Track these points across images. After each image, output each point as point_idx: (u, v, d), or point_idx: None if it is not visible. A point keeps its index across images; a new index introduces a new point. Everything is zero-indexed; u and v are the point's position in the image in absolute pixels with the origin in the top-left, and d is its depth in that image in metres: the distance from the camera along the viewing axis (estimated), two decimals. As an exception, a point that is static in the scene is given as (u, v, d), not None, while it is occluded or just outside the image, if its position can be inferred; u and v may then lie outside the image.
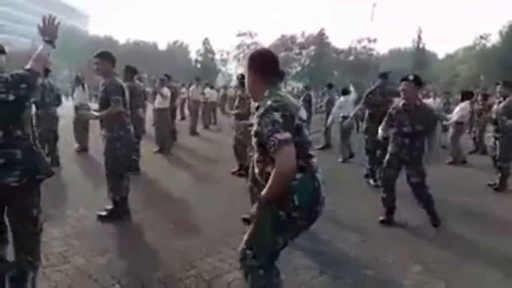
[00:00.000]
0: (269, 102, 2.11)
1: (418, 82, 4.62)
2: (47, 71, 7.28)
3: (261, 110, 2.12)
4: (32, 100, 2.68)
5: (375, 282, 3.41)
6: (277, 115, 2.05)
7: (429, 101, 12.80)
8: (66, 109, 9.27)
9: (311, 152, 2.23)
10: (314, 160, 2.22)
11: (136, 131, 6.90)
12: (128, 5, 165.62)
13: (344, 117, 9.03)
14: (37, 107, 7.05)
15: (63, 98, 8.52)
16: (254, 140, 2.24)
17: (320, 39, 57.02)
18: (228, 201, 5.43)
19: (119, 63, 7.47)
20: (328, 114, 10.43)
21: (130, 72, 7.17)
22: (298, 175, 2.10)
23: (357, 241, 4.25)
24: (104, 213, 4.55)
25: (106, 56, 4.51)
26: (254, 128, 2.19)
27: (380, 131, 5.07)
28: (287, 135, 2.02)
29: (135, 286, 3.16)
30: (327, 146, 10.66)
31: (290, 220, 2.14)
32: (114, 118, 4.44)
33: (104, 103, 4.44)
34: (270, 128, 2.02)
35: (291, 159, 2.01)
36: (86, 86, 9.34)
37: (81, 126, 8.88)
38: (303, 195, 2.11)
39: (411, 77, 4.59)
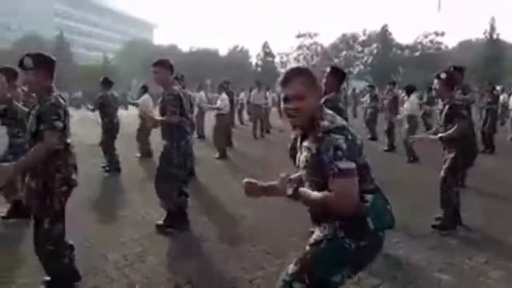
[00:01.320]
0: (325, 124, 1.81)
1: (449, 80, 4.46)
2: (110, 84, 7.91)
3: (317, 134, 1.80)
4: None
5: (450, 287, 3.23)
6: (340, 139, 1.74)
7: (502, 98, 11.97)
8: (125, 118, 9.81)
9: (372, 173, 1.93)
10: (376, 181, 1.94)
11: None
12: (191, 14, 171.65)
13: (410, 117, 8.64)
14: (102, 117, 7.80)
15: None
16: (304, 172, 1.93)
17: (383, 36, 55.20)
18: (289, 205, 5.39)
19: (183, 71, 7.87)
20: (390, 112, 10.06)
21: (182, 80, 7.59)
22: (369, 196, 1.83)
23: (430, 246, 4.05)
24: (161, 222, 4.53)
25: (163, 64, 4.45)
26: (304, 156, 1.88)
27: None
28: (351, 165, 1.72)
29: (206, 285, 3.28)
30: (391, 147, 10.24)
31: (358, 251, 1.83)
32: (172, 128, 4.39)
33: (163, 113, 4.44)
34: (331, 155, 1.71)
35: (352, 194, 1.71)
36: (149, 94, 9.76)
37: (144, 134, 9.27)
38: (378, 217, 1.84)
39: (443, 75, 4.44)
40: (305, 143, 1.87)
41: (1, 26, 63.73)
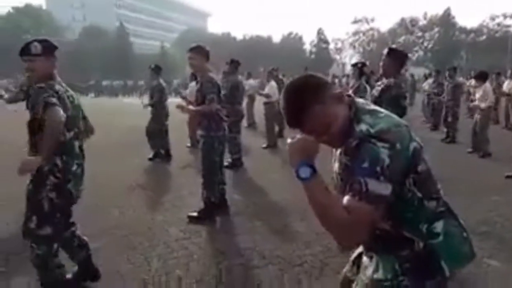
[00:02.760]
0: (363, 128, 1.33)
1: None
2: (160, 71, 7.70)
3: (351, 142, 1.34)
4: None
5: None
6: (382, 149, 1.25)
7: None
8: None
9: (439, 186, 1.44)
10: (444, 199, 1.45)
11: (236, 127, 7.08)
12: (245, 1, 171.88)
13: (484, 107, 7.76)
14: (154, 106, 7.64)
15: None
16: (340, 176, 1.49)
17: (445, 19, 52.31)
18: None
19: (237, 58, 7.82)
20: (454, 101, 9.55)
21: (234, 65, 7.27)
22: (439, 226, 1.37)
23: (480, 232, 3.95)
24: (195, 214, 4.43)
25: (199, 50, 4.30)
26: (338, 169, 1.49)
27: None
28: (385, 189, 1.25)
29: (257, 259, 3.45)
30: (450, 138, 9.59)
31: None
32: (210, 117, 4.28)
33: (200, 101, 4.28)
34: (366, 167, 1.25)
35: (363, 227, 1.28)
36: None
37: (194, 123, 9.08)
38: (455, 257, 1.39)
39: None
40: (340, 153, 1.46)
41: (67, 17, 67.44)
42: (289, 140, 1.39)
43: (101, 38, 56.07)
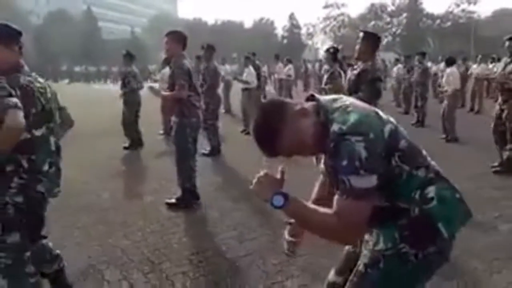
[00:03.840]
0: (335, 128, 1.33)
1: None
2: (133, 58, 7.59)
3: (329, 146, 1.35)
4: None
5: None
6: (357, 143, 1.28)
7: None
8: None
9: (425, 153, 1.48)
10: (434, 164, 1.49)
11: (214, 112, 7.07)
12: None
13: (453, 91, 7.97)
14: (125, 93, 7.50)
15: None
16: (325, 172, 1.61)
17: (412, 5, 53.43)
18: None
19: (210, 44, 7.81)
20: (423, 86, 9.87)
21: (210, 51, 7.23)
22: (431, 190, 1.40)
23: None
24: (173, 200, 4.41)
25: (174, 35, 4.28)
26: (324, 168, 1.58)
27: None
28: (369, 181, 1.29)
29: (267, 237, 3.70)
30: (420, 123, 9.81)
31: (427, 259, 1.42)
32: (182, 103, 4.22)
33: (171, 87, 4.25)
34: (346, 165, 1.29)
35: (358, 223, 1.33)
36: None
37: (167, 109, 8.76)
38: (451, 218, 1.42)
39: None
40: (324, 158, 1.53)
41: (30, 1, 64.65)
42: (254, 181, 1.45)
43: (67, 23, 54.18)
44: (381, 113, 1.42)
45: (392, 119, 1.43)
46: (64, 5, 59.45)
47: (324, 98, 1.45)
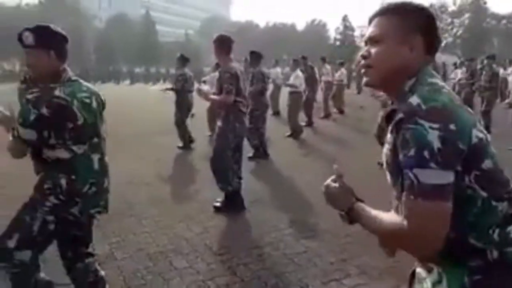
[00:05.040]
0: (413, 100, 1.07)
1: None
2: (186, 61, 7.81)
3: (400, 115, 1.08)
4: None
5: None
6: (432, 134, 1.01)
7: None
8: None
9: None
10: None
11: (260, 117, 7.00)
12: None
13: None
14: (177, 95, 7.73)
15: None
16: (388, 174, 1.22)
17: (476, 5, 50.83)
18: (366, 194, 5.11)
19: (260, 47, 7.93)
20: (492, 91, 9.11)
21: (256, 57, 7.26)
22: None
23: None
24: (218, 204, 4.36)
25: (217, 40, 4.29)
26: (384, 152, 1.21)
27: None
28: (442, 177, 1.01)
29: (322, 236, 3.79)
30: (485, 130, 9.24)
31: None
32: (228, 108, 4.18)
33: (218, 92, 4.21)
34: (413, 155, 1.02)
35: (432, 230, 1.03)
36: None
37: (213, 112, 8.12)
38: None
39: None
40: (388, 132, 1.19)
41: (94, 6, 68.52)
42: (327, 182, 1.32)
43: (127, 26, 56.92)
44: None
45: (485, 131, 1.14)
46: (124, 9, 62.55)
47: (431, 70, 1.19)
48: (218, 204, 4.36)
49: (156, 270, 3.07)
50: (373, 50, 1.20)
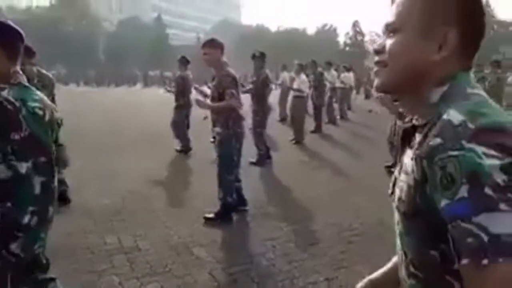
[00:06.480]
0: (460, 118, 0.71)
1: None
2: (187, 63, 7.72)
3: (434, 140, 0.72)
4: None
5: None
6: (490, 163, 0.65)
7: None
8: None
9: None
10: None
11: (262, 120, 6.87)
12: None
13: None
14: (176, 97, 7.62)
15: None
16: (400, 215, 0.87)
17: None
18: (369, 205, 4.57)
19: (271, 51, 7.94)
20: (497, 98, 9.27)
21: (261, 59, 7.07)
22: None
23: None
24: (211, 215, 4.18)
25: (214, 44, 4.10)
26: (401, 182, 0.85)
27: None
28: None
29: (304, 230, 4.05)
30: None
31: None
32: (228, 113, 4.07)
33: (217, 97, 4.08)
34: (467, 196, 0.66)
35: None
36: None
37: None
38: None
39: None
40: (407, 155, 0.88)
41: (105, 9, 69.44)
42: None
43: (138, 30, 57.64)
44: None
45: None
46: (135, 13, 63.42)
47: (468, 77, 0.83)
48: (211, 215, 4.19)
49: (179, 260, 3.37)
50: (388, 43, 0.87)
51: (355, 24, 59.67)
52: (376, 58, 0.92)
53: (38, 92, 1.80)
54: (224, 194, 4.20)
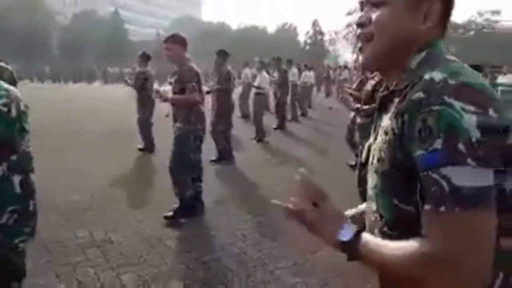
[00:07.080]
0: (441, 76, 0.78)
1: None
2: (148, 59, 7.64)
3: (417, 94, 0.78)
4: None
5: None
6: (467, 119, 0.72)
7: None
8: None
9: None
10: None
11: (225, 118, 6.83)
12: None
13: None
14: (139, 94, 7.47)
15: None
16: (375, 183, 0.92)
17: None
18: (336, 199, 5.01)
19: (232, 49, 7.87)
20: None
21: (223, 56, 7.05)
22: None
23: None
24: (170, 213, 4.11)
25: (176, 39, 4.03)
26: (378, 145, 0.91)
27: None
28: (483, 179, 0.72)
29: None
30: None
31: None
32: (189, 109, 4.03)
33: (179, 93, 4.03)
34: (440, 148, 0.73)
35: (484, 251, 0.73)
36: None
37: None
38: None
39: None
40: (384, 119, 0.93)
41: (58, 2, 66.71)
42: (309, 209, 0.92)
43: (94, 24, 55.84)
44: None
45: None
46: (91, 7, 61.31)
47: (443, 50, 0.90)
48: (169, 214, 4.11)
49: (153, 251, 3.47)
50: (374, 16, 0.89)
51: (315, 23, 60.86)
52: (359, 31, 0.95)
53: (2, 83, 1.59)
54: (179, 190, 4.16)
